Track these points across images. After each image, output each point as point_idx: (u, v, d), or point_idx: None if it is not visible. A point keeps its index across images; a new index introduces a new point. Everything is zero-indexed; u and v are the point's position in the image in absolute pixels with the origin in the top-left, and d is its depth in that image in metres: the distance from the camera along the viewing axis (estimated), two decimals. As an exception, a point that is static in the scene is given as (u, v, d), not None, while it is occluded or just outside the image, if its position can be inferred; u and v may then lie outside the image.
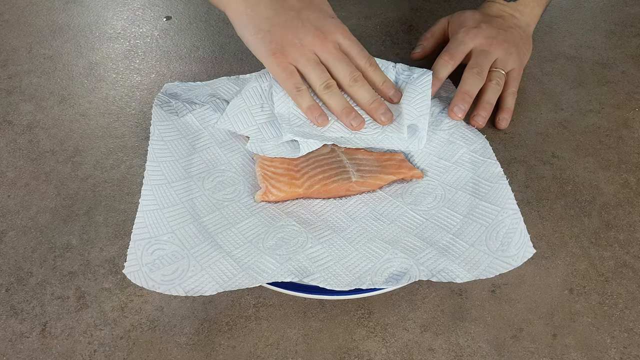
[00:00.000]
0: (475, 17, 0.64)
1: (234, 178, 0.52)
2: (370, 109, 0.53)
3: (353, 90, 0.53)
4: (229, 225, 0.48)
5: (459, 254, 0.45)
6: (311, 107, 0.52)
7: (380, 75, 0.54)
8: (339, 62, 0.52)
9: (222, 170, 0.53)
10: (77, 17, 0.78)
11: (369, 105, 0.53)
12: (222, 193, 0.50)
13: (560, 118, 0.63)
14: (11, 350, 0.43)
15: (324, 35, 0.52)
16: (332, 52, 0.52)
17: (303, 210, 0.50)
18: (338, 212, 0.50)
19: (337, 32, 0.53)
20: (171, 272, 0.43)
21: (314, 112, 0.52)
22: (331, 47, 0.52)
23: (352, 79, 0.52)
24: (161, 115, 0.56)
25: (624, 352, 0.43)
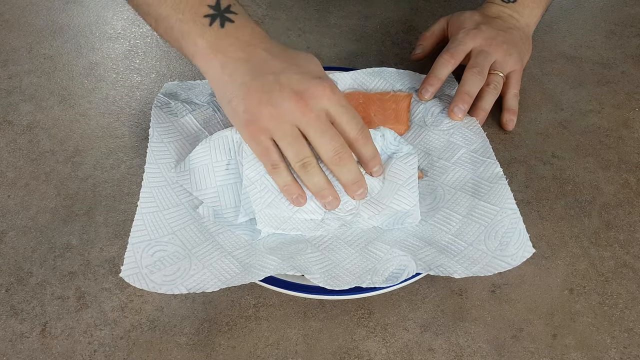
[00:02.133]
0: (474, 17, 0.64)
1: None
2: (350, 189, 0.47)
3: (336, 170, 0.46)
4: (230, 228, 0.48)
5: (458, 252, 0.45)
6: (288, 187, 0.46)
7: (370, 149, 0.47)
8: (322, 135, 0.44)
9: None
10: (77, 17, 0.78)
11: (349, 186, 0.47)
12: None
13: (560, 118, 0.63)
14: (11, 350, 0.43)
15: (305, 102, 0.44)
16: (314, 122, 0.44)
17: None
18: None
19: (322, 97, 0.44)
20: (172, 272, 0.43)
21: (291, 192, 0.46)
22: (313, 117, 0.44)
23: (336, 156, 0.45)
24: (161, 116, 0.55)
25: (624, 352, 0.43)
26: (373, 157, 0.47)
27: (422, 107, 0.59)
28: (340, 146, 0.45)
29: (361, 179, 0.47)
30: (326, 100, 0.45)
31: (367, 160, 0.47)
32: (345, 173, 0.46)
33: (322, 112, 0.45)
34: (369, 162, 0.47)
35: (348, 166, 0.46)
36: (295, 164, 0.45)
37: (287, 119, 0.44)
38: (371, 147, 0.47)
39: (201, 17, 0.46)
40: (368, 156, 0.47)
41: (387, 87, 0.62)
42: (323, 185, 0.46)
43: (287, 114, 0.44)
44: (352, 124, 0.46)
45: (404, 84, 0.62)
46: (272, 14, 0.78)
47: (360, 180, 0.47)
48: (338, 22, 0.77)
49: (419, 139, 0.56)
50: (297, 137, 0.45)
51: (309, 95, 0.44)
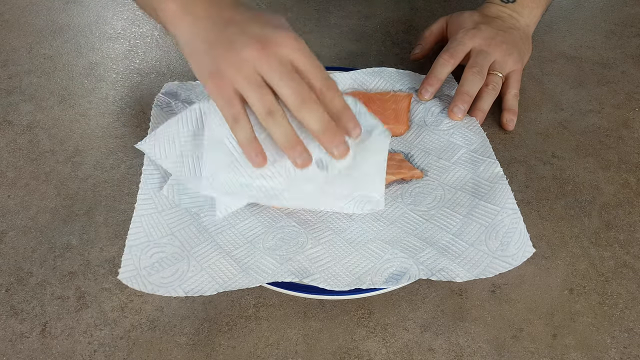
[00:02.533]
0: (473, 18, 0.64)
1: None
2: (323, 139, 0.43)
3: (302, 114, 0.42)
4: (229, 226, 0.48)
5: (459, 253, 0.45)
6: (247, 143, 0.44)
7: (339, 101, 0.44)
8: (285, 80, 0.42)
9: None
10: (77, 17, 0.78)
11: (321, 133, 0.43)
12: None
13: (560, 118, 0.63)
14: (11, 350, 0.43)
15: (268, 49, 0.42)
16: (277, 69, 0.42)
17: (303, 211, 0.50)
18: (338, 212, 0.50)
19: (286, 45, 0.42)
20: (171, 274, 0.43)
21: (249, 149, 0.44)
22: (275, 64, 0.42)
23: (299, 99, 0.42)
24: (161, 116, 0.55)
25: (624, 352, 0.43)
26: (343, 111, 0.44)
27: (422, 107, 0.59)
28: (306, 91, 0.42)
29: (334, 126, 0.43)
30: (289, 48, 0.43)
31: (336, 114, 0.43)
32: (313, 117, 0.42)
33: (285, 60, 0.43)
34: (340, 116, 0.43)
35: (315, 110, 0.42)
36: (261, 112, 0.43)
37: (249, 66, 0.42)
38: (340, 99, 0.44)
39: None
40: (337, 109, 0.43)
41: (387, 87, 0.62)
42: (292, 135, 0.43)
43: (249, 61, 0.42)
44: (317, 72, 0.43)
45: (404, 84, 0.62)
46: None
47: (332, 127, 0.43)
48: (338, 22, 0.77)
49: (419, 139, 0.56)
50: (261, 85, 0.43)
51: (272, 43, 0.42)
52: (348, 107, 0.44)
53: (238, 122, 0.43)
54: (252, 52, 0.42)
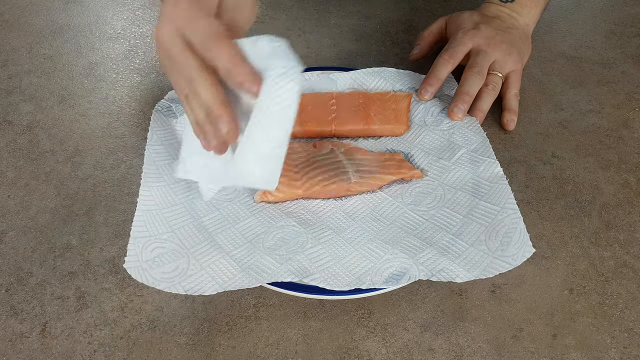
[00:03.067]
0: (473, 18, 0.64)
1: None
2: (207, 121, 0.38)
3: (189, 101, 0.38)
4: (229, 225, 0.48)
5: (459, 253, 0.45)
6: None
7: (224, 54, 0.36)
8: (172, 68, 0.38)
9: None
10: (77, 17, 0.78)
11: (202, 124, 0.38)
12: (222, 193, 0.50)
13: (560, 118, 0.63)
14: (11, 350, 0.43)
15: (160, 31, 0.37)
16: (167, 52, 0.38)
17: (303, 211, 0.50)
18: (338, 212, 0.50)
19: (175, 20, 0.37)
20: (171, 270, 0.43)
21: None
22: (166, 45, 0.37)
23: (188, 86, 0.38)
24: (161, 120, 0.56)
25: (624, 352, 0.43)
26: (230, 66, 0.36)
27: (422, 107, 0.59)
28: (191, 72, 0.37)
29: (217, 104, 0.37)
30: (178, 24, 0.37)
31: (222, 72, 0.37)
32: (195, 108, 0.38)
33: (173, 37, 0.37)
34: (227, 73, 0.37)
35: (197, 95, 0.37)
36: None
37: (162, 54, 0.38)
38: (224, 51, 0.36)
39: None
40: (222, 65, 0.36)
41: (387, 87, 0.62)
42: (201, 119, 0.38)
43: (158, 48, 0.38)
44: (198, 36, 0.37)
45: (404, 84, 0.62)
46: (272, 14, 0.78)
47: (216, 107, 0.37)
48: (338, 22, 0.77)
49: (419, 139, 0.56)
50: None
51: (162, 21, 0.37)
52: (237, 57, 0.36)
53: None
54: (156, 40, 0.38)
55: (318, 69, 0.63)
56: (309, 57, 0.71)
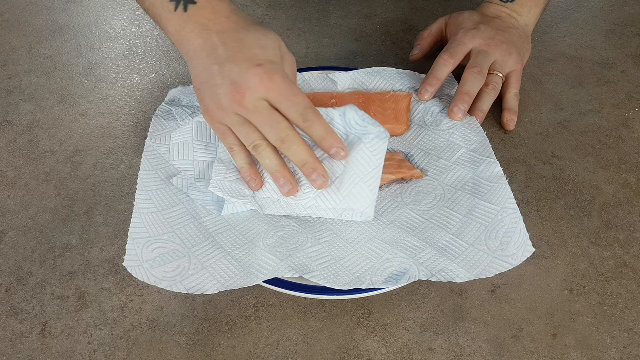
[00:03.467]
0: (473, 18, 0.64)
1: None
2: (303, 172, 0.47)
3: (283, 152, 0.47)
4: (230, 227, 0.48)
5: (459, 253, 0.45)
6: (243, 169, 0.49)
7: (319, 129, 0.46)
8: (263, 125, 0.46)
9: None
10: (77, 17, 0.78)
11: (301, 167, 0.47)
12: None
13: (560, 118, 0.63)
14: (11, 350, 0.43)
15: (241, 95, 0.45)
16: (252, 111, 0.45)
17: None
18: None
19: (259, 86, 0.45)
20: (173, 270, 0.43)
21: (245, 175, 0.49)
22: (251, 107, 0.45)
23: (279, 140, 0.46)
24: (161, 124, 0.56)
25: (624, 352, 0.43)
26: (324, 138, 0.46)
27: (422, 107, 0.59)
28: (283, 130, 0.46)
29: (313, 161, 0.47)
30: (263, 89, 0.45)
31: (318, 140, 0.47)
32: (292, 155, 0.46)
33: (260, 101, 0.45)
34: (321, 142, 0.47)
35: (294, 148, 0.46)
36: (249, 147, 0.47)
37: (230, 111, 0.46)
38: (319, 127, 0.46)
39: (168, 1, 0.47)
40: (317, 136, 0.46)
41: (387, 87, 0.62)
42: (275, 166, 0.47)
43: (229, 107, 0.46)
44: (292, 109, 0.46)
45: (404, 84, 0.62)
46: (272, 14, 0.78)
47: (310, 162, 0.46)
48: (338, 22, 0.77)
49: (419, 139, 0.56)
50: (244, 123, 0.46)
51: (245, 87, 0.45)
52: (329, 131, 0.46)
53: (233, 151, 0.48)
54: (229, 100, 0.45)
55: (318, 69, 0.63)
56: (309, 57, 0.71)
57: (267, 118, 0.46)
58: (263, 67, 0.45)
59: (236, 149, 0.48)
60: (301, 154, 0.46)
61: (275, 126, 0.46)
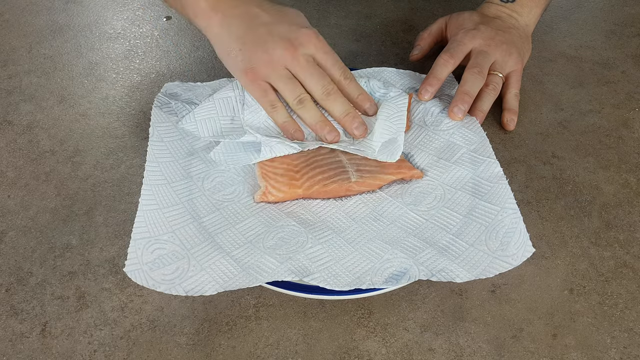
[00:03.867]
0: (473, 18, 0.64)
1: (233, 178, 0.52)
2: (344, 122, 0.52)
3: (327, 104, 0.52)
4: (229, 226, 0.48)
5: (459, 253, 0.45)
6: (286, 124, 0.52)
7: (355, 87, 0.53)
8: (311, 75, 0.51)
9: (222, 170, 0.53)
10: (77, 17, 0.78)
11: (342, 117, 0.52)
12: (222, 193, 0.50)
13: (560, 118, 0.63)
14: (11, 350, 0.43)
15: (294, 48, 0.50)
16: (304, 65, 0.51)
17: (303, 211, 0.50)
18: (338, 212, 0.50)
19: (309, 43, 0.51)
20: (171, 272, 0.43)
21: (288, 128, 0.52)
22: (302, 60, 0.51)
23: (325, 92, 0.51)
24: (161, 116, 0.56)
25: (624, 352, 0.43)
26: (360, 94, 0.53)
27: (422, 107, 0.59)
28: (328, 83, 0.51)
29: (353, 111, 0.52)
30: (312, 46, 0.51)
31: (354, 98, 0.53)
32: (336, 106, 0.52)
33: (309, 57, 0.51)
34: (357, 99, 0.53)
35: (338, 100, 0.52)
36: (292, 101, 0.51)
37: (280, 63, 0.51)
38: (356, 85, 0.53)
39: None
40: (354, 94, 0.53)
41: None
42: (319, 117, 0.52)
43: (280, 59, 0.50)
44: (336, 66, 0.52)
45: (404, 84, 0.62)
46: (272, 14, 0.78)
47: (352, 111, 0.52)
48: (338, 22, 0.77)
49: (419, 139, 0.56)
50: (291, 78, 0.51)
51: (298, 43, 0.51)
52: (363, 90, 0.54)
53: (275, 107, 0.52)
54: (282, 52, 0.50)
55: (318, 69, 0.63)
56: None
57: (315, 72, 0.51)
58: (309, 29, 0.52)
59: (278, 105, 0.52)
60: (344, 105, 0.52)
61: (322, 80, 0.51)
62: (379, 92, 0.56)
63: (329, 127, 0.52)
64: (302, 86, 0.51)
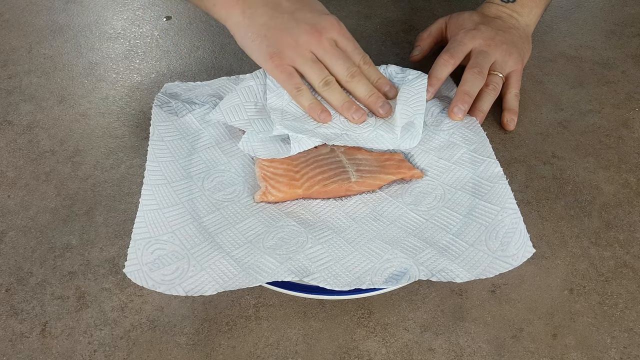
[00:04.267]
0: (473, 18, 0.64)
1: (233, 178, 0.52)
2: (369, 102, 0.53)
3: (351, 86, 0.53)
4: (229, 226, 0.48)
5: (459, 253, 0.45)
6: (312, 105, 0.52)
7: (375, 71, 0.55)
8: (336, 59, 0.53)
9: (222, 170, 0.53)
10: (77, 17, 0.78)
11: (367, 98, 0.53)
12: (222, 193, 0.50)
13: (560, 118, 0.63)
14: (11, 350, 0.43)
15: (319, 33, 0.52)
16: (328, 49, 0.53)
17: (303, 211, 0.50)
18: (338, 212, 0.50)
19: (332, 29, 0.53)
20: (171, 272, 0.43)
21: (315, 109, 0.52)
22: (327, 44, 0.53)
23: (349, 74, 0.53)
24: (161, 115, 0.56)
25: (624, 352, 0.43)
26: (379, 78, 0.55)
27: (422, 107, 0.59)
28: (352, 66, 0.53)
29: (377, 92, 0.53)
30: (335, 32, 0.53)
31: (374, 81, 0.55)
32: (360, 87, 0.53)
33: (332, 41, 0.53)
34: (377, 83, 0.55)
35: (362, 81, 0.53)
36: (318, 83, 0.53)
37: (305, 48, 0.52)
38: (375, 70, 0.55)
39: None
40: (374, 77, 0.55)
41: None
42: (345, 98, 0.53)
43: (305, 44, 0.52)
44: (356, 52, 0.54)
45: (404, 84, 0.62)
46: (272, 14, 0.78)
47: (375, 93, 0.53)
48: (338, 22, 0.77)
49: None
50: (316, 61, 0.53)
51: (322, 28, 0.53)
52: (382, 75, 0.56)
53: (300, 90, 0.53)
54: (308, 37, 0.52)
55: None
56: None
57: (339, 55, 0.53)
58: (331, 15, 0.54)
59: (303, 88, 0.53)
60: (367, 86, 0.53)
61: (346, 62, 0.53)
62: (397, 77, 0.57)
63: (355, 106, 0.53)
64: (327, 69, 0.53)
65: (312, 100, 0.53)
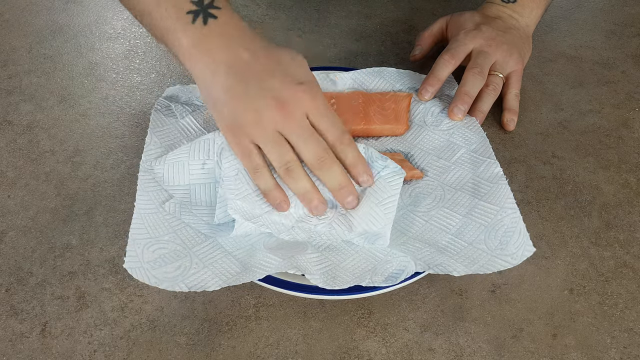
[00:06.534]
0: (474, 18, 0.64)
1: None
2: (337, 195, 0.46)
3: (319, 174, 0.46)
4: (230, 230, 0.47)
5: (457, 251, 0.45)
6: (271, 192, 0.46)
7: (352, 151, 0.46)
8: (304, 141, 0.45)
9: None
10: (77, 17, 0.78)
11: (337, 190, 0.46)
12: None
13: (560, 118, 0.63)
14: (11, 350, 0.43)
15: (286, 109, 0.44)
16: (295, 129, 0.45)
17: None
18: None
19: (303, 102, 0.45)
20: (174, 270, 0.43)
21: (275, 197, 0.46)
22: (294, 123, 0.45)
23: (318, 161, 0.45)
24: (160, 120, 0.55)
25: (624, 352, 0.43)
26: (356, 162, 0.47)
27: (422, 107, 0.59)
28: (323, 150, 0.45)
29: (349, 184, 0.46)
30: (308, 105, 0.45)
31: (349, 165, 0.46)
32: (329, 177, 0.46)
33: (303, 118, 0.45)
34: (352, 167, 0.46)
35: (332, 169, 0.46)
36: (279, 168, 0.45)
37: (269, 125, 0.45)
38: (353, 151, 0.47)
39: (184, 13, 0.46)
40: (350, 160, 0.46)
41: (387, 87, 0.62)
42: (309, 188, 0.46)
43: (270, 121, 0.44)
44: (332, 130, 0.46)
45: (404, 84, 0.62)
46: (272, 14, 0.78)
47: (347, 185, 0.46)
48: (338, 22, 0.77)
49: (419, 139, 0.56)
50: (281, 142, 0.45)
51: (290, 102, 0.44)
52: (361, 158, 0.47)
53: (258, 171, 0.46)
54: (273, 113, 0.44)
55: (318, 69, 0.63)
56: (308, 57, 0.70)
57: (309, 137, 0.45)
58: (305, 85, 0.45)
59: (262, 170, 0.46)
60: (339, 176, 0.46)
61: (316, 147, 0.45)
62: (376, 162, 0.48)
63: (316, 200, 0.46)
64: (293, 150, 0.46)
65: (270, 185, 0.46)
